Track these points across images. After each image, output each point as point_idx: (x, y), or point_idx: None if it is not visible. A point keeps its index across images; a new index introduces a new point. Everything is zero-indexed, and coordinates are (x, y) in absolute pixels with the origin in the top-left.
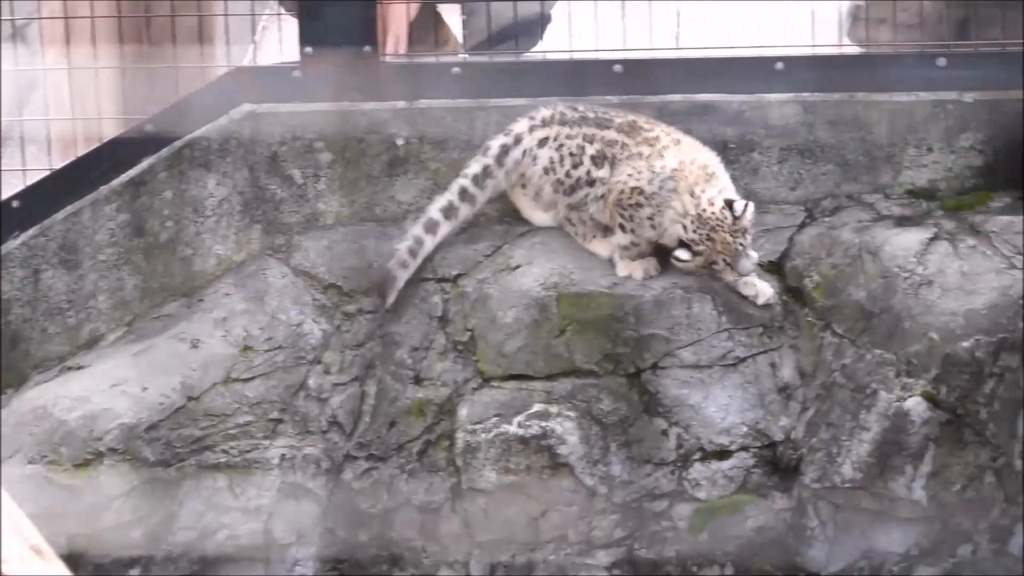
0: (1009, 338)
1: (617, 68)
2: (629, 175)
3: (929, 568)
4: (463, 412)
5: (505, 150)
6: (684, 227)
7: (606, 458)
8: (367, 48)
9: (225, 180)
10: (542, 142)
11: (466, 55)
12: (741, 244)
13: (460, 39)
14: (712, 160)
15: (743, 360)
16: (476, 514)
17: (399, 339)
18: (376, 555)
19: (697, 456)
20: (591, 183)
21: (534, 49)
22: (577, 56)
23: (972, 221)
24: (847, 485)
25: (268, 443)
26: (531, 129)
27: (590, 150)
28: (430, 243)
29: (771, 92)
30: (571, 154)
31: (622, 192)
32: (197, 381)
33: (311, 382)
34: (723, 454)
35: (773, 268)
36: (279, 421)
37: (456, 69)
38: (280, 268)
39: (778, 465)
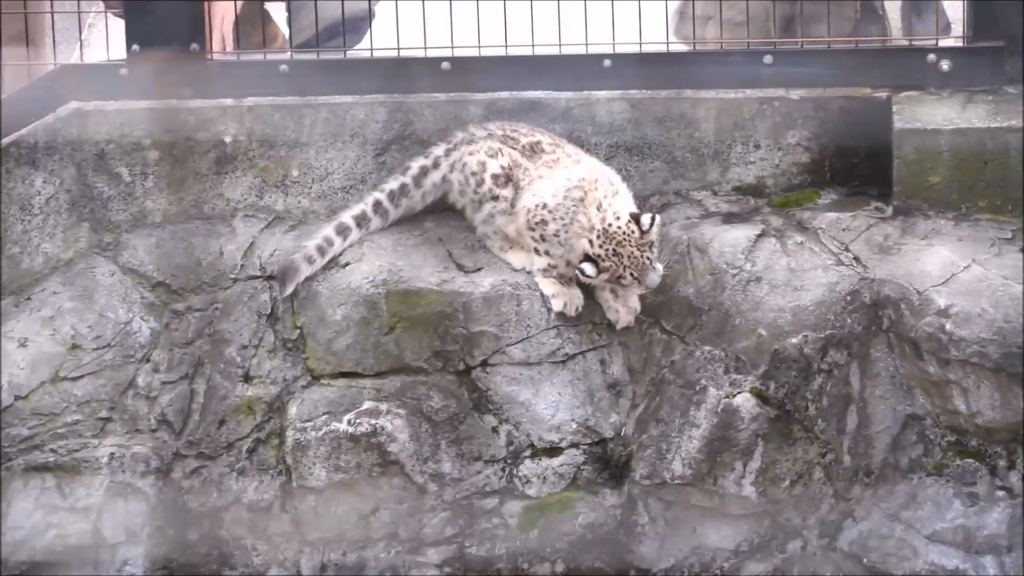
0: (837, 334)
1: (445, 65)
2: (532, 195)
3: (759, 564)
4: (293, 410)
5: (424, 172)
6: (590, 241)
7: (436, 455)
8: (194, 46)
9: (52, 178)
10: (452, 167)
11: (293, 53)
12: (648, 258)
13: (287, 37)
14: (615, 178)
15: (572, 357)
16: (306, 512)
17: (228, 337)
18: (206, 554)
19: (527, 453)
20: (495, 198)
21: (360, 46)
22: (405, 54)
23: (799, 218)
24: (677, 482)
25: (97, 442)
26: (447, 153)
27: (492, 166)
28: (339, 246)
29: (599, 89)
30: (472, 173)
31: (528, 212)
32: (24, 380)
33: (140, 380)
34: (553, 451)
35: None
36: (108, 420)
37: (283, 67)
38: (108, 266)
39: (608, 462)
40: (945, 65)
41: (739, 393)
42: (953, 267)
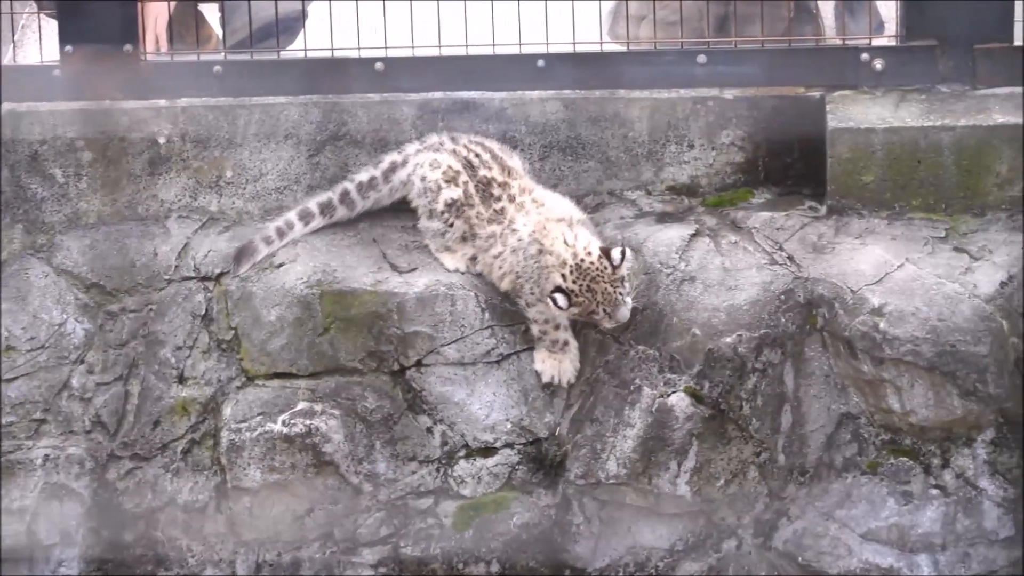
0: (771, 334)
1: (379, 66)
2: (504, 269)
3: (694, 563)
4: (227, 411)
5: (393, 167)
6: (563, 275)
7: (371, 456)
8: (127, 47)
9: None
10: (415, 168)
11: (227, 53)
12: (621, 293)
13: (221, 37)
14: (573, 211)
15: (507, 357)
16: (241, 513)
17: (163, 338)
18: (141, 555)
19: (462, 453)
20: (447, 223)
21: (294, 47)
22: (339, 54)
23: (733, 217)
24: (612, 481)
25: (31, 443)
26: (416, 153)
27: (445, 194)
28: (299, 231)
29: (532, 89)
30: (428, 189)
31: (509, 283)
32: None
33: (74, 382)
34: (488, 451)
35: None
36: (42, 421)
37: (217, 67)
38: (42, 267)
39: (543, 462)
40: (878, 64)
41: (673, 392)
42: (887, 266)
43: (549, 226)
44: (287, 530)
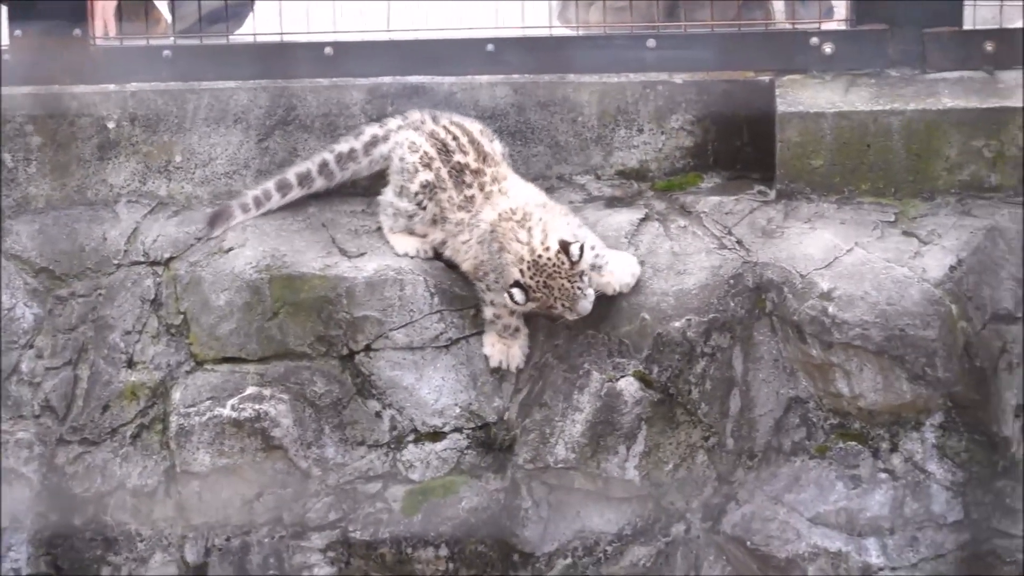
0: (720, 318)
1: (328, 51)
2: (471, 255)
3: (642, 548)
4: (176, 395)
5: (374, 141)
6: (521, 271)
7: (320, 440)
8: (77, 31)
9: None
10: (396, 146)
11: (176, 38)
12: (579, 287)
13: (170, 22)
14: (536, 200)
15: (456, 342)
16: (190, 497)
17: (112, 322)
18: (90, 539)
19: (411, 438)
20: (420, 205)
21: (243, 31)
22: (288, 39)
23: (683, 202)
24: (560, 465)
25: None
26: (398, 129)
27: (421, 176)
28: (276, 201)
29: (482, 74)
30: (405, 169)
31: (473, 268)
32: None
33: (23, 366)
34: (437, 436)
35: None
36: None
37: (167, 52)
38: None
39: (492, 446)
40: (828, 48)
41: (622, 377)
42: (836, 250)
43: (503, 224)
44: (236, 514)
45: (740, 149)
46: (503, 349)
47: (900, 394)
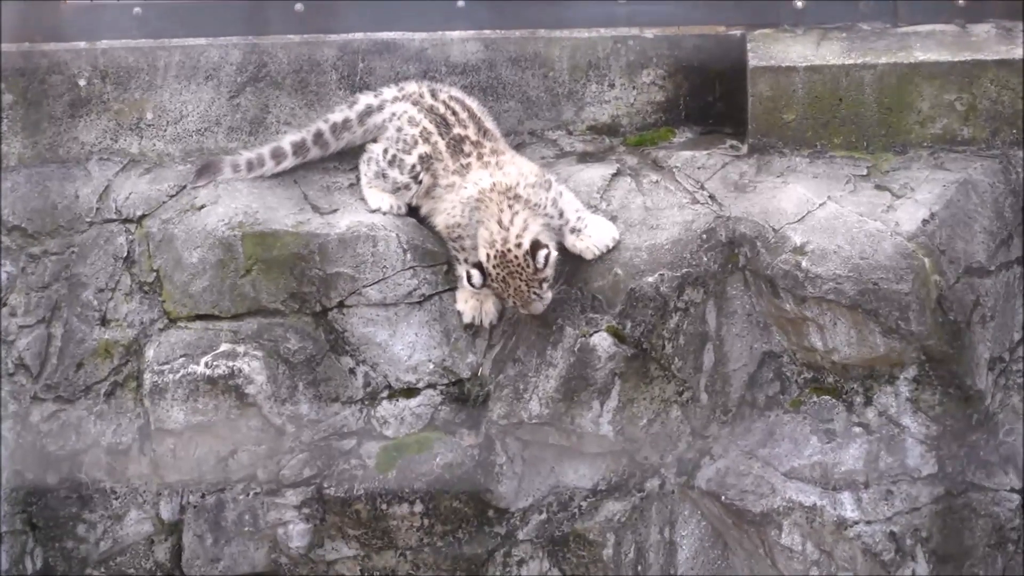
0: (693, 273)
1: (299, 7)
2: (447, 213)
3: (617, 503)
4: (150, 353)
5: (369, 111)
6: (488, 255)
7: (294, 397)
8: None
9: None
10: (392, 116)
11: None
12: (536, 293)
13: None
14: (529, 177)
15: (429, 298)
16: (165, 455)
17: (85, 280)
18: (65, 497)
19: (384, 394)
20: (415, 178)
21: None
22: None
23: (655, 157)
24: (534, 421)
25: None
26: (394, 100)
27: (420, 149)
28: (270, 167)
29: (453, 30)
30: (405, 142)
31: (447, 228)
32: None
33: None
34: (410, 392)
35: None
36: None
37: (137, 9)
38: None
39: (465, 402)
40: (799, 3)
41: (595, 332)
42: (808, 204)
43: (493, 196)
44: (211, 471)
45: (712, 104)
46: (476, 305)
47: (874, 348)
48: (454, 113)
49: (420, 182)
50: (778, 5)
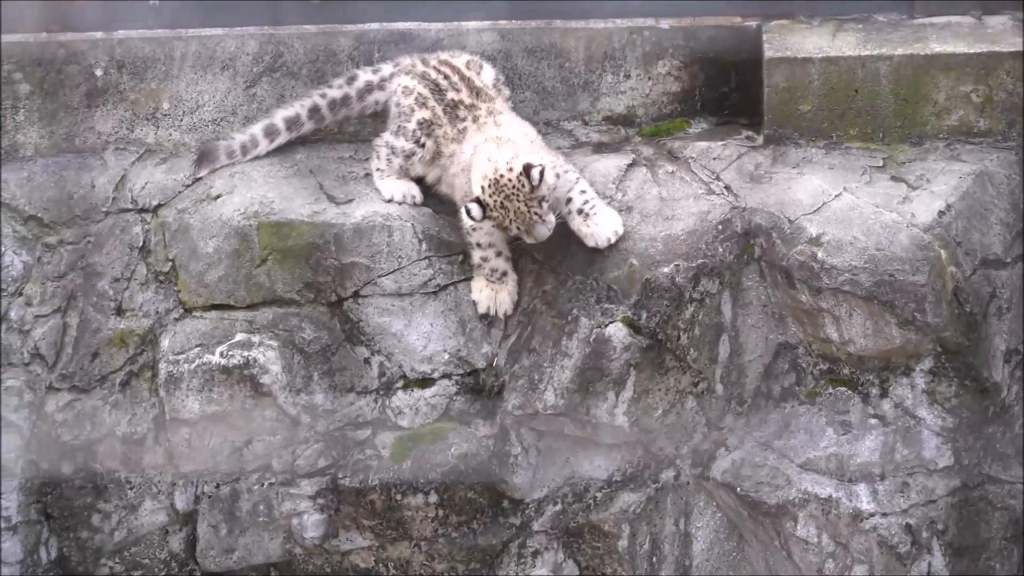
0: (708, 263)
1: None
2: (456, 185)
3: (632, 494)
4: (165, 343)
5: (369, 88)
6: (482, 188)
7: (309, 387)
8: None
9: None
10: (392, 93)
11: None
12: (537, 213)
13: None
14: (527, 135)
15: (444, 288)
16: (180, 444)
17: (100, 270)
18: (80, 487)
19: (399, 384)
20: (418, 143)
21: None
22: None
23: (670, 147)
24: (549, 412)
25: None
26: (391, 77)
27: (418, 114)
28: (264, 147)
29: (469, 20)
30: (403, 112)
31: (461, 201)
32: None
33: (12, 314)
34: (425, 382)
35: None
36: None
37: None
38: None
39: (480, 392)
40: None
41: (611, 323)
42: (824, 195)
43: (484, 146)
44: (225, 461)
45: (727, 95)
46: (491, 295)
47: (890, 339)
48: (446, 77)
49: (423, 146)
50: None
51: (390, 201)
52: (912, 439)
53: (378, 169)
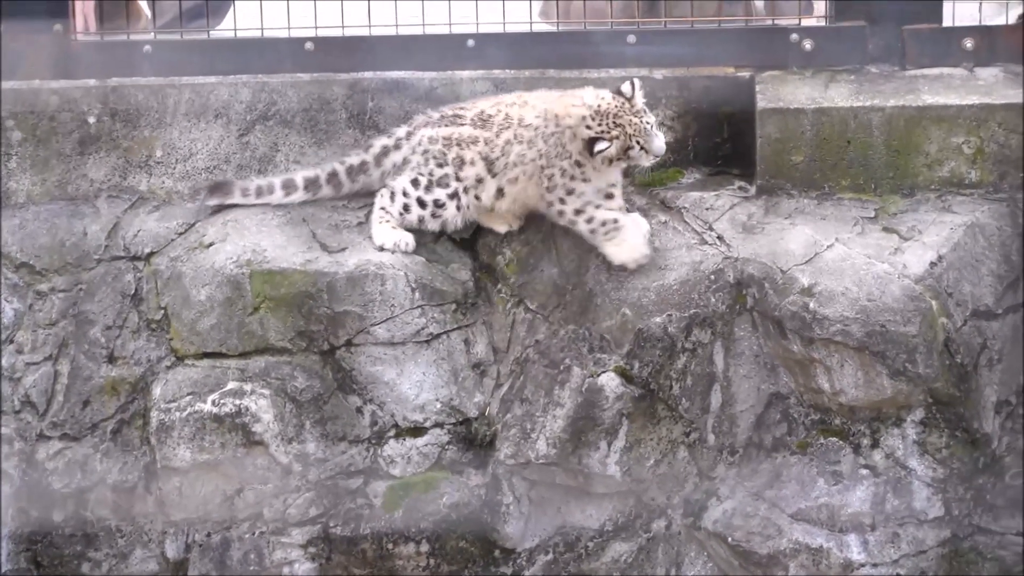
0: (700, 313)
1: (308, 45)
2: (524, 173)
3: (624, 544)
4: (157, 391)
5: (385, 152)
6: (588, 127)
7: (301, 435)
8: (57, 26)
9: None
10: (414, 149)
11: (156, 33)
12: (648, 123)
13: (150, 17)
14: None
15: (437, 337)
16: (171, 493)
17: (92, 317)
18: (71, 535)
19: (392, 433)
20: (459, 179)
21: (223, 26)
22: (268, 34)
23: (663, 197)
24: (541, 461)
25: None
26: (407, 136)
27: (453, 152)
28: (279, 197)
29: (462, 69)
30: (433, 156)
31: (534, 195)
32: None
33: (3, 362)
34: (417, 431)
35: (466, 244)
36: None
37: (147, 47)
38: None
39: (472, 442)
40: (808, 44)
41: (603, 372)
42: (816, 246)
43: (549, 104)
44: (217, 510)
45: (720, 145)
46: (636, 244)
47: (881, 390)
48: (462, 108)
49: (462, 182)
50: (787, 47)
51: (381, 249)
52: (903, 489)
53: (386, 212)
